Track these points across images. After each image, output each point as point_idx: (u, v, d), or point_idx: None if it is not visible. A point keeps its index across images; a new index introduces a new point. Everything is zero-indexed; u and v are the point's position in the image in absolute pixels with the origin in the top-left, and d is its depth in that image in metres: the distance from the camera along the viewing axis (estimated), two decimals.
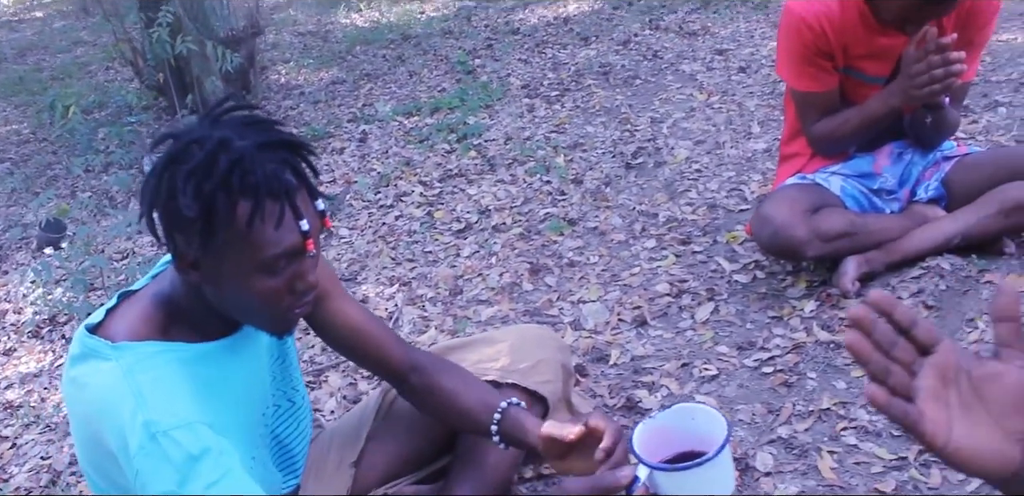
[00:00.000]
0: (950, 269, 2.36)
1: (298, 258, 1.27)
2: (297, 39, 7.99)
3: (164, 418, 1.24)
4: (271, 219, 1.20)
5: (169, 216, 1.23)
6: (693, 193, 3.22)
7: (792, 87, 2.50)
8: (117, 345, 1.31)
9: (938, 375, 0.86)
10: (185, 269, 1.27)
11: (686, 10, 5.90)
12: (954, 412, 0.85)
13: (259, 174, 1.18)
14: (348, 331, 1.66)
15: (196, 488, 1.22)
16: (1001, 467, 0.86)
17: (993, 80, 3.64)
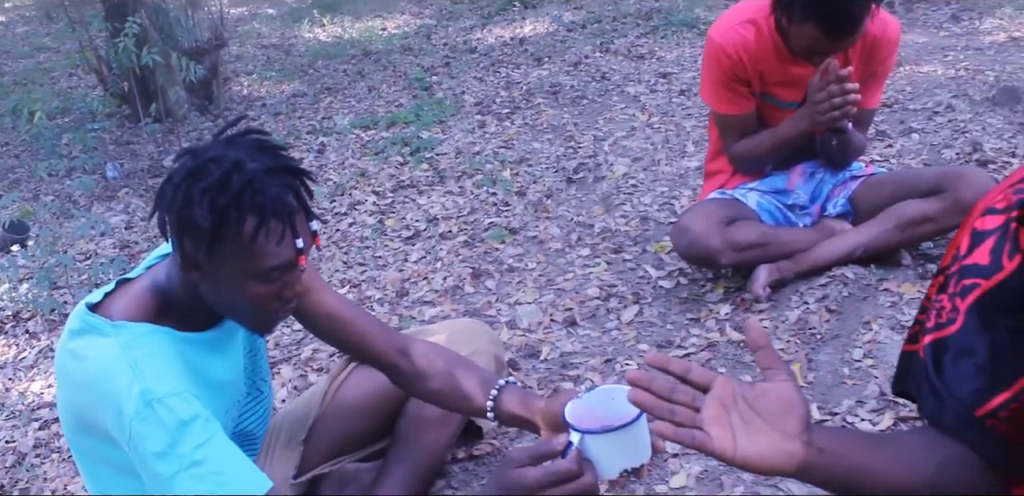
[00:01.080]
0: (853, 278, 2.59)
1: (290, 270, 1.45)
2: (260, 52, 8.16)
3: (159, 386, 1.41)
4: (274, 236, 1.38)
5: (182, 222, 1.40)
6: (628, 206, 3.44)
7: (714, 110, 2.74)
8: (116, 323, 1.48)
9: (718, 404, 1.12)
10: (188, 269, 1.44)
11: (636, 34, 6.15)
12: (737, 429, 1.11)
13: (267, 195, 1.37)
14: (331, 321, 1.79)
15: (185, 449, 1.39)
16: (788, 461, 1.12)
17: (911, 108, 3.91)
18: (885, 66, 2.66)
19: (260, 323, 1.55)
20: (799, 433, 1.14)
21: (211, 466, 1.40)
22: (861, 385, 2.17)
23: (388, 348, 1.81)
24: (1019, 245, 1.19)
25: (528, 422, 1.71)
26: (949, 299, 1.26)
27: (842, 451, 1.20)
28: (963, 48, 4.75)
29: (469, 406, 1.79)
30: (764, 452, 1.12)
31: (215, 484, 1.40)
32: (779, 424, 1.14)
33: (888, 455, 1.26)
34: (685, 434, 1.10)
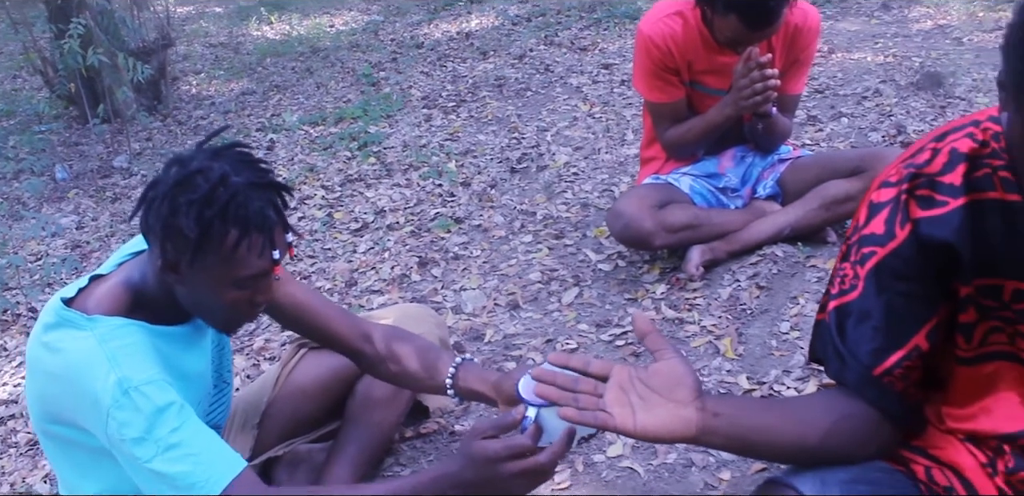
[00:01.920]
0: (782, 256, 2.71)
1: (265, 278, 1.54)
2: (208, 51, 8.16)
3: (135, 375, 1.49)
4: (254, 248, 1.47)
5: (167, 230, 1.48)
6: (569, 194, 3.54)
7: (646, 99, 2.85)
8: (91, 317, 1.54)
9: (617, 388, 1.26)
10: (167, 271, 1.52)
11: (579, 27, 6.25)
12: (636, 406, 1.24)
13: (250, 209, 1.45)
14: (297, 311, 1.87)
15: (161, 433, 1.46)
16: (686, 427, 1.25)
17: (841, 93, 4.05)
18: (807, 53, 2.78)
19: (228, 324, 1.65)
20: (692, 400, 1.26)
21: (186, 448, 1.48)
22: (788, 356, 2.29)
23: (352, 335, 1.90)
24: (909, 215, 1.31)
25: (485, 397, 1.80)
26: (851, 267, 1.37)
27: (738, 413, 1.31)
28: (892, 35, 4.90)
29: (429, 385, 1.88)
30: (662, 422, 1.24)
31: (191, 464, 1.47)
32: (672, 395, 1.26)
33: (785, 413, 1.38)
34: (589, 416, 1.22)
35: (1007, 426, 1.34)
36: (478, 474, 1.42)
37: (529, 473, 1.41)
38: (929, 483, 1.35)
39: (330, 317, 1.89)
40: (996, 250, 1.28)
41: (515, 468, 1.40)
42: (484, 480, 1.43)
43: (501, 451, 1.40)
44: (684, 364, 1.29)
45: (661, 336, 1.31)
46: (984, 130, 1.30)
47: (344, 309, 1.98)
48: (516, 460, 1.40)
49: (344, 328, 1.90)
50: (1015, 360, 1.33)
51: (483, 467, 1.41)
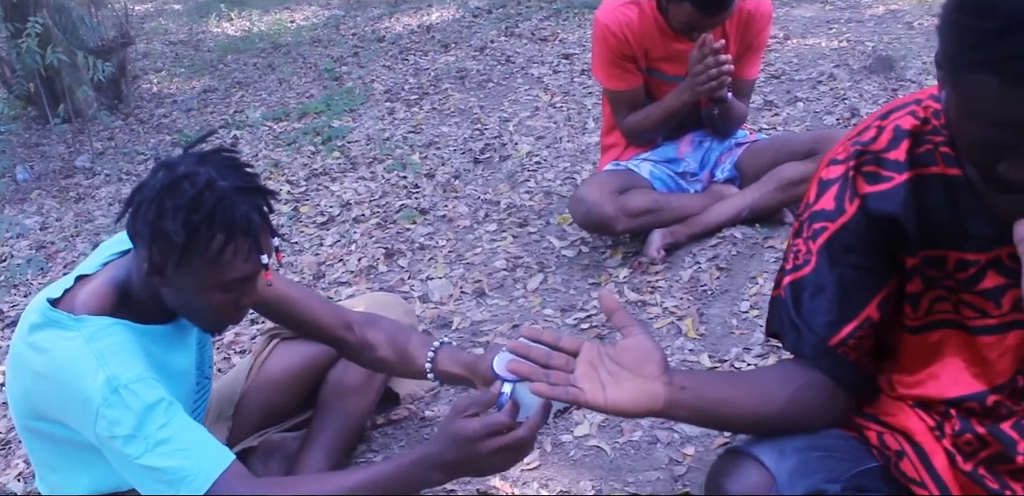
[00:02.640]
0: (741, 237, 2.77)
1: (251, 282, 1.57)
2: (168, 48, 8.12)
3: (123, 373, 1.51)
4: (240, 252, 1.49)
5: (154, 233, 1.49)
6: (532, 182, 3.59)
7: (604, 86, 2.89)
8: (78, 317, 1.56)
9: (587, 364, 1.31)
10: (153, 274, 1.53)
11: (539, 17, 6.29)
12: (605, 382, 1.29)
13: (236, 214, 1.47)
14: (280, 304, 1.89)
15: (151, 429, 1.49)
16: (654, 401, 1.30)
17: (796, 79, 4.12)
18: (760, 39, 2.83)
19: (214, 326, 1.68)
20: (659, 375, 1.30)
21: (176, 444, 1.50)
22: (748, 334, 2.35)
23: (334, 324, 1.92)
24: (857, 191, 1.37)
25: (464, 378, 1.84)
26: (804, 242, 1.43)
27: (702, 386, 1.36)
28: (846, 21, 4.98)
29: (410, 369, 1.92)
30: (631, 396, 1.29)
31: (181, 459, 1.50)
32: (640, 371, 1.30)
33: (746, 386, 1.43)
34: (560, 391, 1.26)
35: (953, 391, 1.40)
36: (459, 453, 1.45)
37: (509, 448, 1.43)
38: (881, 448, 1.41)
39: (312, 308, 1.92)
40: (939, 222, 1.34)
41: (494, 445, 1.42)
42: (465, 459, 1.45)
43: (480, 430, 1.42)
44: (650, 340, 1.34)
45: (627, 314, 1.35)
46: (925, 108, 1.36)
47: (324, 298, 2.02)
48: (495, 437, 1.42)
49: (326, 318, 1.92)
50: (959, 327, 1.39)
51: (463, 446, 1.44)
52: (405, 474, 1.51)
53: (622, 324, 1.34)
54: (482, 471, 1.52)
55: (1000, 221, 1.27)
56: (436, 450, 1.48)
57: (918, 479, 1.37)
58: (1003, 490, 1.34)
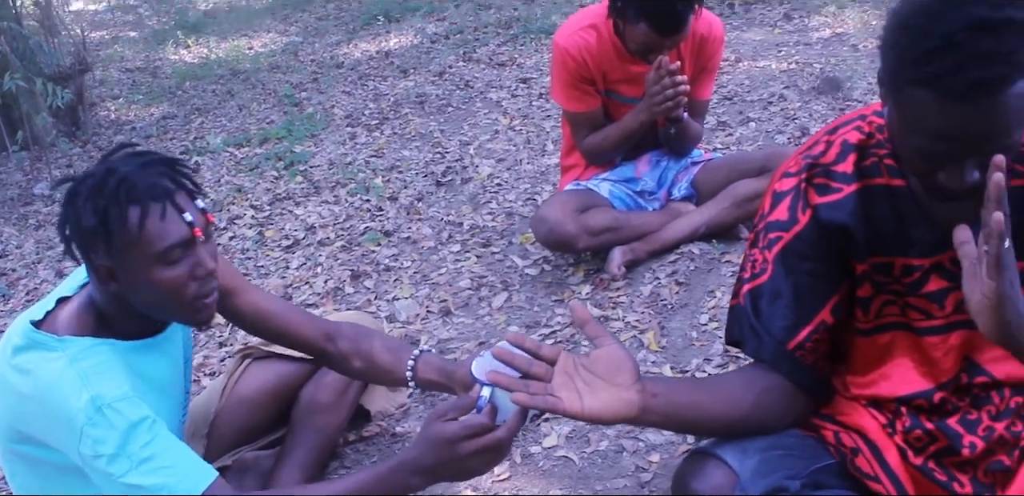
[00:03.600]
0: (699, 253, 2.86)
1: (191, 247, 1.54)
2: (125, 75, 8.10)
3: (107, 392, 1.52)
4: (156, 216, 1.49)
5: (80, 238, 1.52)
6: (494, 204, 3.66)
7: (564, 108, 2.97)
8: (62, 338, 1.58)
9: (563, 373, 1.37)
10: (106, 281, 1.55)
11: (497, 43, 6.38)
12: (582, 390, 1.35)
13: (141, 186, 1.49)
14: (259, 318, 1.92)
15: (134, 448, 1.50)
16: (629, 408, 1.37)
17: (748, 100, 4.24)
18: (714, 61, 2.94)
19: (191, 312, 1.61)
20: (632, 383, 1.37)
21: (160, 461, 1.52)
22: (708, 345, 2.43)
23: (315, 336, 1.95)
24: (809, 201, 1.46)
25: (443, 386, 1.89)
26: (760, 252, 1.51)
27: (673, 393, 1.44)
28: (794, 44, 5.13)
29: (391, 378, 1.96)
30: (607, 404, 1.35)
31: (164, 476, 1.52)
32: (614, 379, 1.37)
33: (713, 391, 1.51)
34: (540, 400, 1.32)
35: (903, 389, 1.49)
36: (438, 457, 1.48)
37: (488, 450, 1.46)
38: (838, 446, 1.49)
39: (292, 321, 1.94)
40: (885, 230, 1.43)
41: (473, 446, 1.46)
42: (444, 462, 1.48)
43: (459, 431, 1.46)
44: (622, 350, 1.41)
45: (598, 325, 1.42)
46: (870, 123, 1.45)
47: (305, 311, 2.05)
48: (474, 438, 1.45)
49: (307, 330, 1.95)
50: (907, 329, 1.47)
51: (442, 449, 1.47)
52: (384, 481, 1.54)
53: (594, 335, 1.41)
54: (460, 473, 1.54)
55: (941, 228, 1.36)
56: (415, 455, 1.51)
57: (873, 474, 1.45)
58: (951, 482, 1.43)
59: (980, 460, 1.43)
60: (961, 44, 1.11)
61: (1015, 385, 1.43)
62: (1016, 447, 1.40)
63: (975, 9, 1.12)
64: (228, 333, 3.06)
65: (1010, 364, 1.41)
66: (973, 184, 1.22)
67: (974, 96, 1.12)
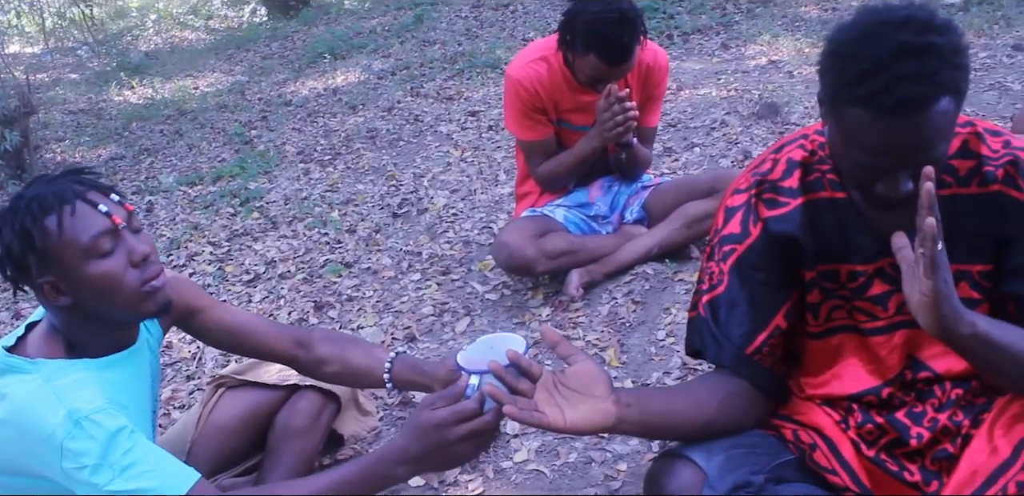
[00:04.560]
0: (652, 273, 2.97)
1: (118, 237, 1.57)
2: (69, 118, 8.09)
3: (83, 405, 1.55)
4: (68, 214, 1.52)
5: (15, 265, 1.56)
6: (451, 233, 3.75)
7: (518, 138, 3.09)
8: (34, 361, 1.61)
9: (544, 390, 1.47)
10: (55, 298, 1.59)
11: (443, 77, 6.51)
12: (562, 405, 1.45)
13: (50, 196, 1.54)
14: (226, 334, 1.98)
15: (116, 457, 1.53)
16: (607, 418, 1.47)
17: (691, 126, 4.39)
18: (660, 89, 3.07)
19: (143, 299, 1.63)
20: (608, 395, 1.48)
21: (142, 467, 1.55)
22: (666, 359, 2.53)
23: (285, 345, 2.01)
24: (759, 215, 1.57)
25: (422, 385, 1.95)
26: (716, 264, 1.62)
27: (644, 402, 1.54)
28: (732, 72, 5.32)
29: (368, 381, 2.02)
30: (587, 416, 1.45)
31: (148, 480, 1.55)
32: (591, 392, 1.47)
33: (681, 397, 1.61)
34: (526, 415, 1.42)
35: (853, 387, 1.60)
36: (427, 443, 1.51)
37: (476, 434, 1.50)
38: (796, 442, 1.59)
39: (260, 333, 2.00)
40: (830, 239, 1.55)
41: (463, 431, 1.49)
42: (432, 447, 1.51)
43: (448, 416, 1.49)
44: (595, 365, 1.51)
45: (569, 343, 1.52)
46: (812, 141, 1.58)
47: (275, 322, 2.11)
48: (463, 423, 1.49)
49: (276, 340, 2.01)
50: (855, 331, 1.59)
51: (431, 434, 1.50)
52: (371, 472, 1.57)
53: (567, 353, 1.51)
54: (448, 460, 1.56)
55: (881, 236, 1.48)
56: (402, 443, 1.54)
57: (830, 467, 1.55)
58: (902, 471, 1.54)
59: (927, 449, 1.54)
60: (890, 67, 1.24)
61: (954, 378, 1.55)
62: (959, 435, 1.52)
63: (901, 35, 1.25)
64: (195, 366, 3.11)
65: (949, 359, 1.53)
66: (907, 194, 1.34)
67: (903, 112, 1.25)
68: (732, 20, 6.58)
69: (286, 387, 2.24)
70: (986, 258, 1.50)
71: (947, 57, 1.26)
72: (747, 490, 1.47)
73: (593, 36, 2.69)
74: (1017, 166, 1.45)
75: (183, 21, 12.88)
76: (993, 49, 4.90)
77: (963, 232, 1.48)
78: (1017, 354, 1.36)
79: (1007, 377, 1.41)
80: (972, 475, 1.46)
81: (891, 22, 1.27)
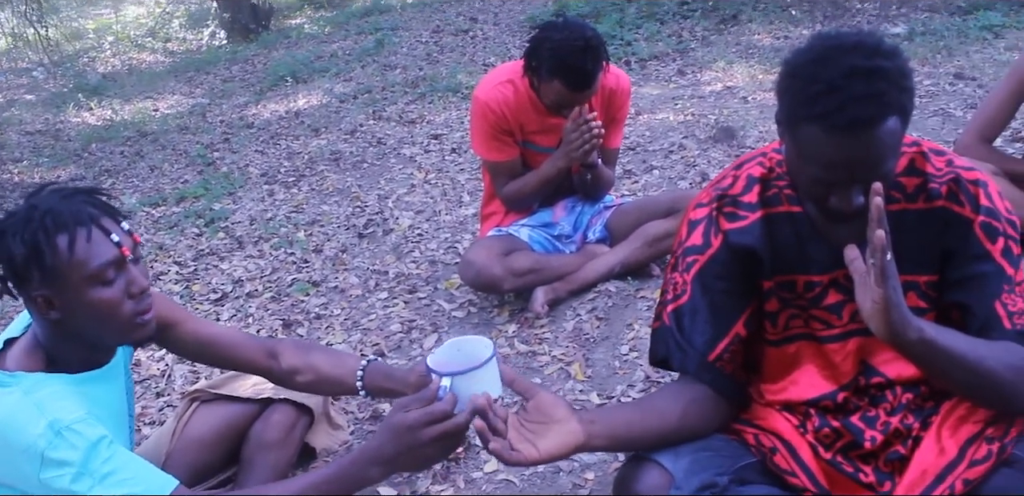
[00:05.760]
0: (615, 290, 3.06)
1: (122, 267, 1.62)
2: (26, 139, 8.05)
3: (64, 415, 1.58)
4: (83, 239, 1.56)
5: (14, 273, 1.59)
6: (417, 253, 3.82)
7: (484, 159, 3.17)
8: (13, 374, 1.64)
9: (513, 430, 1.52)
10: (45, 311, 1.63)
11: (405, 101, 6.60)
12: (532, 439, 1.51)
13: (66, 213, 1.58)
14: (199, 346, 2.01)
15: (95, 465, 1.56)
16: (576, 437, 1.54)
17: (650, 149, 4.51)
18: (622, 112, 3.18)
19: (130, 329, 1.68)
20: (570, 416, 1.56)
21: (122, 474, 1.59)
22: (630, 373, 2.61)
23: (257, 356, 2.05)
24: (720, 228, 1.66)
25: (395, 392, 1.99)
26: (680, 275, 1.71)
27: (607, 416, 1.62)
28: (689, 97, 5.47)
29: (341, 389, 2.06)
30: (557, 442, 1.53)
31: (128, 487, 1.58)
32: (554, 417, 1.55)
33: (644, 407, 1.69)
34: (506, 454, 1.48)
35: (810, 393, 1.69)
36: (399, 444, 1.55)
37: (447, 435, 1.54)
38: (758, 446, 1.67)
39: (233, 344, 2.04)
40: (787, 251, 1.64)
41: (434, 432, 1.52)
42: (404, 449, 1.55)
43: (420, 417, 1.52)
44: (551, 394, 1.60)
45: (524, 380, 1.60)
46: (770, 159, 1.68)
47: (246, 334, 2.14)
48: (435, 424, 1.52)
49: (249, 351, 2.05)
50: (811, 339, 1.68)
51: (404, 436, 1.54)
52: (344, 474, 1.61)
53: (523, 389, 1.58)
54: (419, 461, 1.59)
55: (835, 248, 1.58)
56: (375, 445, 1.57)
57: (790, 470, 1.64)
58: (857, 473, 1.63)
59: (880, 451, 1.63)
60: (842, 88, 1.35)
61: (905, 383, 1.64)
62: (909, 437, 1.61)
63: (852, 59, 1.36)
64: (164, 383, 3.13)
65: (900, 365, 1.63)
66: (859, 207, 1.44)
67: (855, 130, 1.36)
68: (688, 47, 6.75)
69: (260, 401, 2.29)
70: (932, 269, 1.60)
71: (894, 79, 1.37)
72: (712, 491, 1.54)
73: (558, 63, 2.78)
74: (959, 183, 1.56)
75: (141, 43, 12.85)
76: (936, 77, 5.09)
77: (911, 245, 1.58)
78: (961, 358, 1.45)
79: (952, 380, 1.50)
80: (922, 475, 1.55)
81: (842, 47, 1.38)
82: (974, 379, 1.47)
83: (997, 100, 2.70)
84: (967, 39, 5.80)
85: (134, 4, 16.09)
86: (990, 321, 1.54)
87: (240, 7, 11.20)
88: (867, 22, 6.62)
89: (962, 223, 1.56)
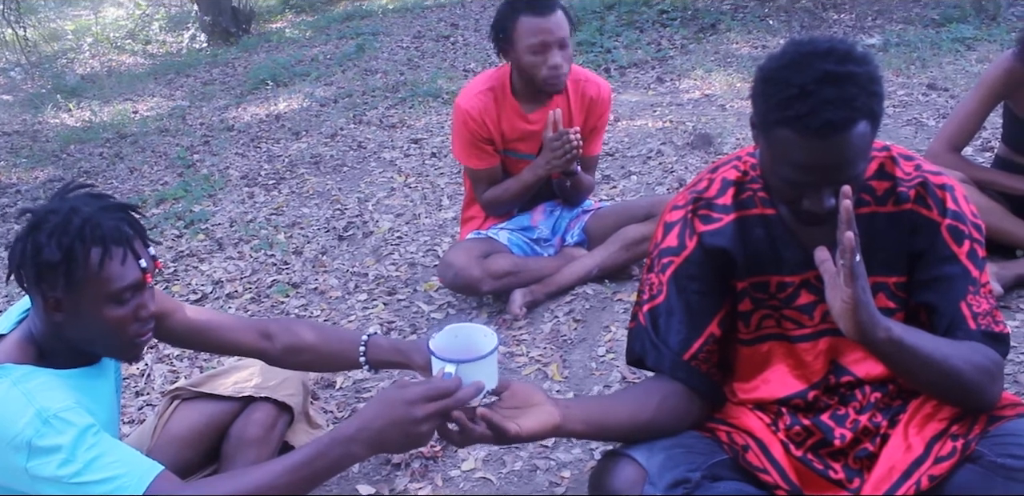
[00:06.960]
0: (593, 293, 3.10)
1: (140, 290, 1.68)
2: (3, 139, 8.02)
3: (52, 404, 1.61)
4: (117, 259, 1.63)
5: (37, 269, 1.62)
6: (396, 255, 3.84)
7: (465, 165, 3.20)
8: (2, 365, 1.67)
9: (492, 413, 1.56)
10: (51, 312, 1.66)
11: (386, 106, 6.62)
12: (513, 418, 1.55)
13: (105, 227, 1.62)
14: (192, 334, 2.04)
15: (82, 450, 1.59)
16: (552, 419, 1.59)
17: (629, 155, 4.56)
18: (603, 120, 3.22)
19: (126, 348, 1.75)
20: (546, 401, 1.60)
21: (108, 458, 1.61)
22: (607, 374, 2.65)
23: (251, 339, 2.07)
24: (695, 229, 1.70)
25: (400, 363, 2.01)
26: (656, 275, 1.75)
27: (584, 403, 1.68)
28: (667, 104, 5.52)
29: (343, 364, 2.07)
30: (536, 420, 1.57)
31: (114, 470, 1.60)
32: (532, 402, 1.60)
33: (621, 399, 1.74)
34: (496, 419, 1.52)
35: (781, 392, 1.73)
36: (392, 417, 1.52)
37: (442, 414, 1.52)
38: (730, 444, 1.72)
39: (225, 328, 2.06)
40: (760, 253, 1.69)
41: (431, 408, 1.51)
42: (394, 424, 1.52)
43: (422, 392, 1.51)
44: (526, 384, 1.66)
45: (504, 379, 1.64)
46: (745, 162, 1.73)
47: (238, 317, 2.15)
48: (433, 402, 1.51)
49: (241, 335, 2.06)
50: (783, 339, 1.73)
51: (398, 409, 1.52)
52: (325, 452, 1.58)
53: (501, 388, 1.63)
54: (406, 439, 1.55)
55: (807, 249, 1.63)
56: (366, 416, 1.55)
57: (761, 467, 1.68)
58: (827, 470, 1.67)
59: (849, 449, 1.68)
60: (814, 92, 1.39)
61: (873, 382, 1.69)
62: (878, 435, 1.66)
63: (824, 64, 1.40)
64: (144, 383, 3.14)
65: (869, 364, 1.68)
66: (830, 209, 1.49)
67: (826, 133, 1.40)
68: (667, 55, 6.82)
69: (241, 399, 2.31)
70: (901, 271, 1.65)
71: (864, 84, 1.41)
72: (685, 486, 1.59)
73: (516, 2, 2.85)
74: (927, 187, 1.61)
75: (120, 45, 12.81)
76: (910, 88, 5.17)
77: (880, 247, 1.63)
78: (927, 357, 1.50)
79: (919, 378, 1.55)
80: (889, 471, 1.60)
81: (815, 52, 1.43)
82: (939, 377, 1.52)
83: (966, 110, 2.77)
84: (940, 51, 5.89)
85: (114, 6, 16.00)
86: (956, 321, 1.58)
87: (221, 10, 11.18)
88: (843, 33, 6.71)
89: (930, 226, 1.61)
